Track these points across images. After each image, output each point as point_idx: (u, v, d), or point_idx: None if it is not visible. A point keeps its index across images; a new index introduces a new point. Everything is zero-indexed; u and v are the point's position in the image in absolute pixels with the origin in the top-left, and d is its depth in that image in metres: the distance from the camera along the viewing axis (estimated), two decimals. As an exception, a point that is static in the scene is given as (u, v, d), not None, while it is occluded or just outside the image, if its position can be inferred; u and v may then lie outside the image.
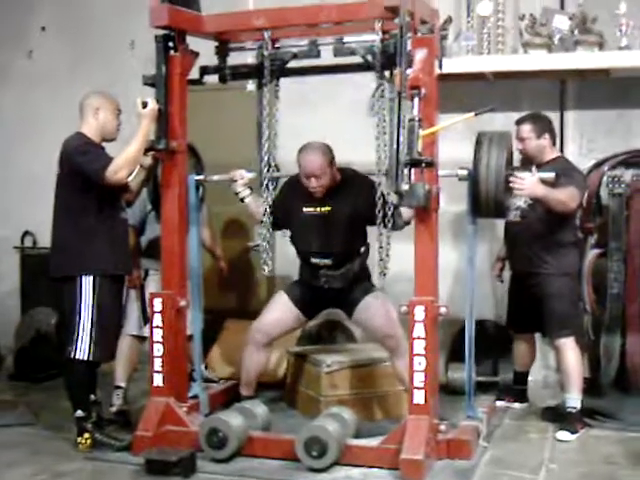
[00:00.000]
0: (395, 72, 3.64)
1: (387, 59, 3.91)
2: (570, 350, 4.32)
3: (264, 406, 4.20)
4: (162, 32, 4.04)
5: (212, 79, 4.40)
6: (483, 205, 3.94)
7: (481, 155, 3.88)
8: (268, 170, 4.24)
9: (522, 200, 4.35)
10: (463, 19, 5.13)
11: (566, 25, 4.85)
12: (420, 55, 3.65)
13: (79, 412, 4.03)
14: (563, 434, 4.21)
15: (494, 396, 4.77)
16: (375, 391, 4.55)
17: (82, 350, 3.99)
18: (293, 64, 4.23)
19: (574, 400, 4.30)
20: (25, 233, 6.32)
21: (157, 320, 4.10)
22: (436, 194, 3.74)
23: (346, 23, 4.06)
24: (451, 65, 4.32)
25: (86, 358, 3.99)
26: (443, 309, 3.79)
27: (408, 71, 3.53)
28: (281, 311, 4.44)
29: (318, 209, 4.28)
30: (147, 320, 4.30)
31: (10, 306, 6.14)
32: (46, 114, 6.12)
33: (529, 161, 4.42)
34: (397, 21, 3.49)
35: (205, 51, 4.31)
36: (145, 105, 4.00)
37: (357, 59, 4.06)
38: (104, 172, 3.88)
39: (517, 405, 4.73)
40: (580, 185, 4.29)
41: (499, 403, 4.70)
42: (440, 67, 3.84)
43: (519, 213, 4.42)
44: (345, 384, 4.52)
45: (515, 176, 4.00)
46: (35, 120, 6.22)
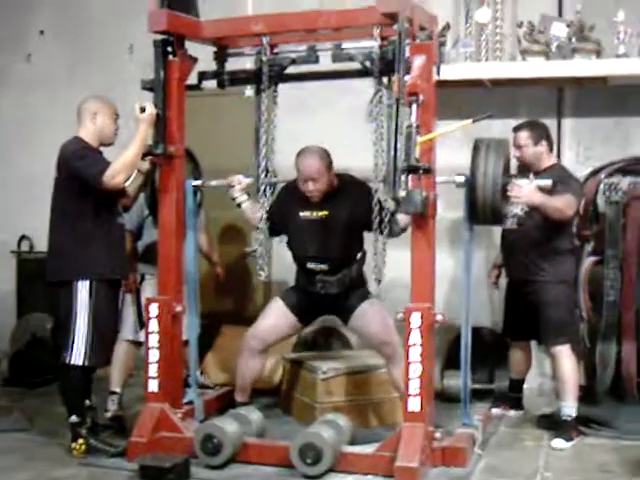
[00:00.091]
0: (393, 78, 3.64)
1: (385, 65, 3.91)
2: (566, 358, 4.32)
3: (259, 412, 4.19)
4: (161, 37, 4.04)
5: (210, 84, 4.41)
6: (480, 212, 3.95)
7: (478, 162, 3.89)
8: (266, 175, 4.25)
9: (519, 207, 4.35)
10: (461, 26, 5.14)
11: (564, 33, 4.87)
12: (418, 62, 3.66)
13: (74, 418, 4.02)
14: (558, 442, 4.21)
15: (490, 404, 4.76)
16: (370, 398, 4.55)
17: (78, 355, 3.98)
18: (292, 70, 4.24)
19: (569, 408, 4.30)
20: (22, 237, 6.31)
21: (153, 325, 4.10)
22: (433, 201, 3.74)
23: (345, 29, 4.06)
24: (449, 72, 4.33)
25: (81, 363, 3.98)
26: (439, 316, 3.79)
27: (406, 77, 3.54)
28: (277, 317, 4.43)
29: (315, 214, 4.28)
30: (143, 325, 4.29)
31: (6, 310, 6.12)
32: (44, 118, 6.12)
33: (526, 168, 4.43)
34: (396, 27, 3.49)
35: (204, 56, 4.32)
36: (143, 110, 4.00)
37: (356, 65, 4.07)
38: (101, 177, 3.88)
39: (512, 413, 4.72)
40: (577, 193, 4.29)
41: (495, 411, 4.70)
42: (438, 74, 3.84)
43: (516, 220, 4.42)
44: (341, 391, 4.51)
45: (513, 184, 4.00)
46: (33, 124, 6.22)
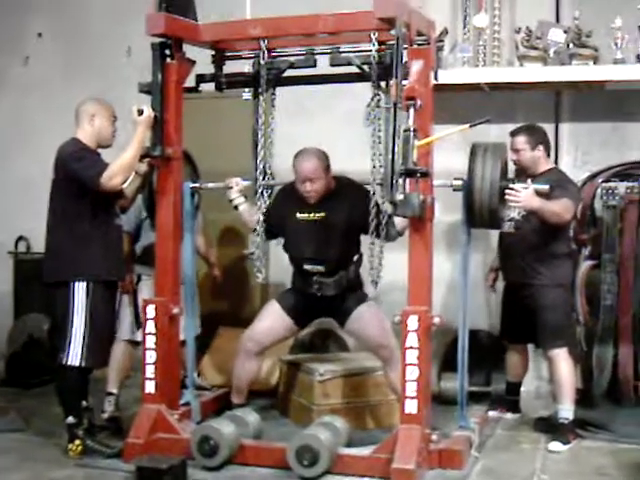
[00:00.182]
0: (391, 83, 3.66)
1: (383, 70, 3.94)
2: (563, 361, 4.32)
3: (256, 414, 4.20)
4: (158, 40, 4.05)
5: (209, 87, 4.42)
6: (477, 215, 3.96)
7: (476, 166, 3.90)
8: (263, 178, 4.26)
9: (516, 211, 4.36)
10: (459, 31, 5.16)
11: (561, 38, 4.88)
12: (416, 66, 3.68)
13: (70, 418, 4.02)
14: (555, 445, 4.21)
15: (486, 406, 4.77)
16: (367, 400, 4.55)
17: (74, 356, 3.98)
18: (289, 73, 4.25)
19: (566, 411, 4.30)
20: (19, 238, 6.31)
21: (150, 327, 4.10)
22: (431, 204, 3.75)
23: (343, 33, 4.07)
24: (447, 76, 4.36)
25: (78, 364, 3.98)
26: (436, 319, 3.79)
27: (404, 82, 3.54)
28: (273, 320, 4.43)
29: (312, 215, 4.29)
30: (140, 325, 4.30)
31: (3, 311, 6.11)
32: (42, 120, 6.12)
33: (523, 172, 4.44)
34: (393, 32, 3.50)
35: (203, 59, 4.32)
36: (141, 112, 4.00)
37: (353, 69, 4.08)
38: (99, 178, 3.88)
39: (509, 415, 4.73)
40: (574, 197, 4.30)
41: (491, 413, 4.71)
42: (436, 78, 3.86)
43: (513, 224, 4.43)
44: (337, 393, 4.52)
45: (510, 188, 4.01)
46: (30, 126, 6.22)
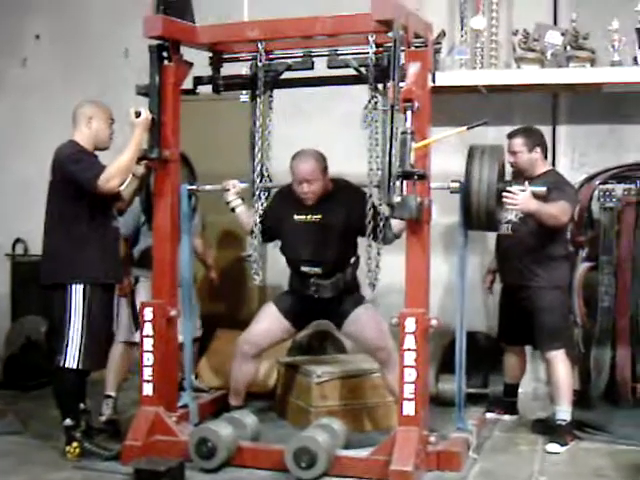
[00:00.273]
0: (388, 85, 3.66)
1: (381, 72, 3.94)
2: (560, 363, 4.33)
3: (254, 416, 4.20)
4: (156, 42, 4.05)
5: (206, 89, 4.42)
6: (474, 218, 3.96)
7: (473, 168, 3.90)
8: (261, 180, 4.26)
9: (513, 214, 4.36)
10: (457, 33, 5.16)
11: (559, 41, 4.89)
12: (413, 68, 3.68)
13: (68, 421, 4.02)
14: (553, 446, 4.22)
15: (484, 408, 4.78)
16: (365, 402, 4.56)
17: (72, 358, 3.98)
18: (287, 75, 4.25)
19: (564, 412, 4.30)
20: (16, 240, 6.30)
21: (147, 329, 4.10)
22: (428, 206, 3.76)
23: (340, 36, 4.08)
24: (444, 79, 4.35)
25: (75, 367, 3.98)
26: (434, 321, 3.79)
27: (401, 84, 3.55)
28: (270, 322, 4.43)
29: (309, 217, 4.29)
30: (138, 326, 4.30)
31: (0, 313, 6.11)
32: (39, 122, 6.12)
33: (520, 174, 4.45)
34: (391, 35, 3.50)
35: (201, 61, 4.33)
36: (138, 114, 4.00)
37: (351, 71, 4.08)
38: (96, 180, 3.88)
39: (507, 417, 4.73)
40: (571, 199, 4.31)
41: (489, 415, 4.71)
42: (433, 80, 3.86)
43: (510, 226, 4.44)
44: (335, 395, 4.52)
45: (508, 191, 4.01)
46: (28, 128, 6.22)
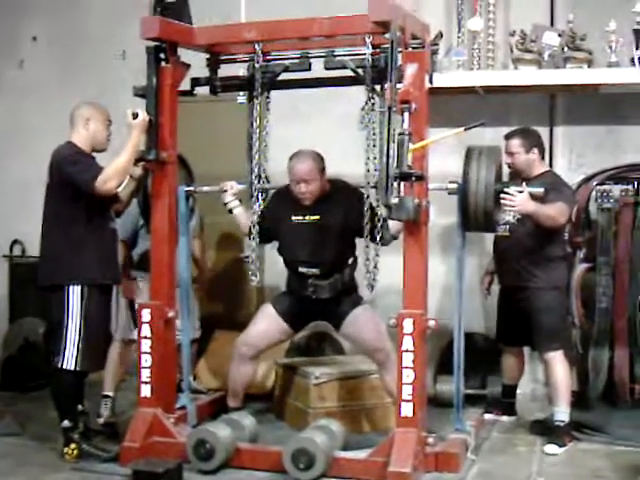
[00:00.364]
0: (386, 86, 3.66)
1: (378, 73, 3.93)
2: (559, 364, 4.33)
3: (252, 418, 4.20)
4: (153, 44, 4.05)
5: (203, 90, 4.42)
6: (472, 219, 3.96)
7: (471, 169, 3.91)
8: (258, 182, 4.26)
9: (511, 215, 4.36)
10: (454, 34, 5.16)
11: (556, 42, 4.89)
12: (411, 70, 3.68)
13: (66, 422, 4.01)
14: (551, 447, 4.22)
15: (482, 409, 4.78)
16: (363, 403, 4.56)
17: (69, 360, 3.97)
18: (284, 76, 4.25)
19: (562, 413, 4.31)
20: (14, 242, 6.30)
21: (145, 331, 4.10)
22: (425, 207, 3.76)
23: (338, 37, 4.08)
24: (441, 80, 4.35)
25: (73, 368, 3.98)
26: (432, 322, 3.79)
27: (399, 85, 3.55)
28: (268, 323, 4.43)
29: (307, 218, 4.29)
30: (137, 324, 4.33)
31: (-2, 315, 6.12)
32: (37, 124, 6.11)
33: (518, 175, 4.45)
34: (388, 36, 3.50)
35: (198, 62, 4.33)
36: (135, 116, 4.01)
37: (348, 72, 4.08)
38: (94, 182, 3.88)
39: (505, 418, 4.73)
40: (569, 200, 4.31)
41: (487, 416, 4.71)
42: (430, 82, 3.86)
43: (508, 227, 4.44)
44: (333, 396, 4.52)
45: (506, 192, 4.01)
46: (25, 130, 6.21)
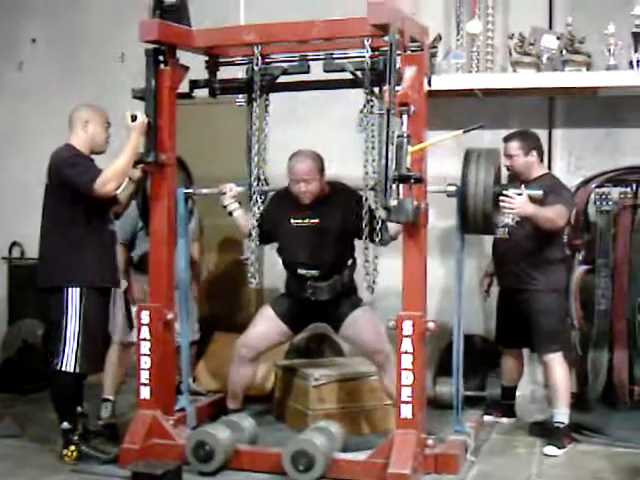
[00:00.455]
0: (384, 89, 3.66)
1: (377, 76, 3.94)
2: (558, 365, 4.33)
3: (251, 419, 4.20)
4: (152, 46, 4.05)
5: (202, 93, 4.42)
6: (471, 221, 3.97)
7: (469, 172, 3.91)
8: (257, 184, 4.26)
9: (510, 217, 4.37)
10: (453, 37, 5.17)
11: (554, 44, 4.89)
12: (409, 72, 3.69)
13: (65, 424, 4.01)
14: (551, 449, 4.22)
15: (482, 411, 4.77)
16: (363, 405, 4.56)
17: (68, 362, 3.97)
18: (283, 79, 4.26)
19: (562, 415, 4.31)
20: (13, 244, 6.30)
21: (144, 333, 4.10)
22: (424, 210, 3.76)
23: (336, 40, 4.08)
24: (440, 82, 4.36)
25: (72, 370, 3.98)
26: (431, 324, 3.80)
27: (397, 88, 3.55)
28: (267, 325, 4.44)
29: (306, 221, 4.30)
30: (133, 326, 4.35)
31: (-3, 317, 6.12)
32: (36, 126, 6.11)
33: (517, 178, 4.45)
34: (387, 39, 3.51)
35: (197, 64, 4.33)
36: (134, 118, 4.01)
37: (347, 75, 4.09)
38: (92, 184, 3.88)
39: (505, 420, 4.73)
40: (568, 203, 4.31)
41: (487, 418, 4.71)
42: (429, 84, 3.86)
43: (507, 230, 4.44)
44: (333, 398, 4.52)
45: (505, 195, 4.02)
46: (24, 132, 6.21)
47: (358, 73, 4.02)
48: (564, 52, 4.86)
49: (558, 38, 4.90)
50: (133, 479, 3.71)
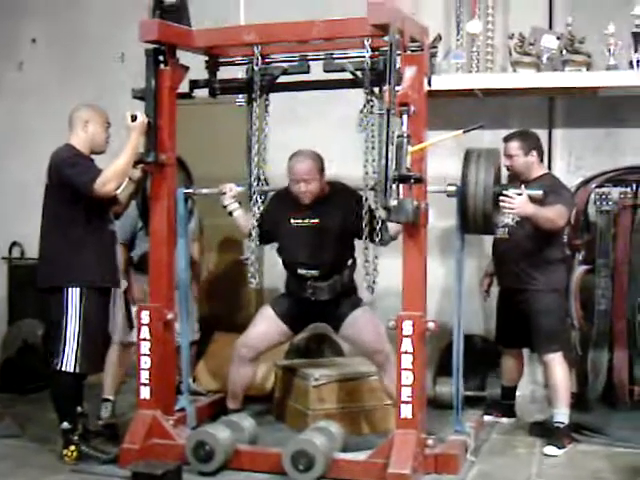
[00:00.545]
0: (384, 89, 3.66)
1: (377, 76, 3.94)
2: (558, 365, 4.33)
3: (251, 419, 4.20)
4: (152, 46, 4.05)
5: (202, 93, 4.42)
6: (471, 221, 3.97)
7: (469, 172, 3.91)
8: (257, 184, 4.26)
9: (510, 217, 4.37)
10: (453, 37, 5.17)
11: (554, 44, 4.89)
12: (409, 72, 3.69)
13: (65, 424, 4.01)
14: (551, 449, 4.22)
15: (482, 411, 4.77)
16: (363, 405, 4.56)
17: (68, 362, 3.98)
18: (283, 79, 4.26)
19: (562, 415, 4.31)
20: (13, 244, 6.30)
21: (144, 333, 4.10)
22: (424, 210, 3.76)
23: (336, 39, 4.08)
24: (440, 82, 4.36)
25: (72, 370, 3.98)
26: (431, 324, 3.80)
27: (397, 88, 3.55)
28: (267, 325, 4.44)
29: (306, 221, 4.30)
30: (132, 326, 4.36)
31: (-3, 317, 6.12)
32: (36, 126, 6.11)
33: (516, 178, 4.45)
34: (387, 39, 3.51)
35: (197, 65, 4.33)
36: (134, 118, 4.01)
37: (347, 75, 4.09)
38: (92, 184, 3.88)
39: (505, 420, 4.73)
40: (568, 203, 4.31)
41: (487, 418, 4.71)
42: (429, 84, 3.86)
43: (507, 230, 4.44)
44: (333, 398, 4.52)
45: (505, 195, 4.02)
46: (25, 132, 6.21)
47: (358, 73, 4.02)
48: (564, 52, 4.86)
49: (558, 38, 4.90)
50: (133, 479, 3.71)
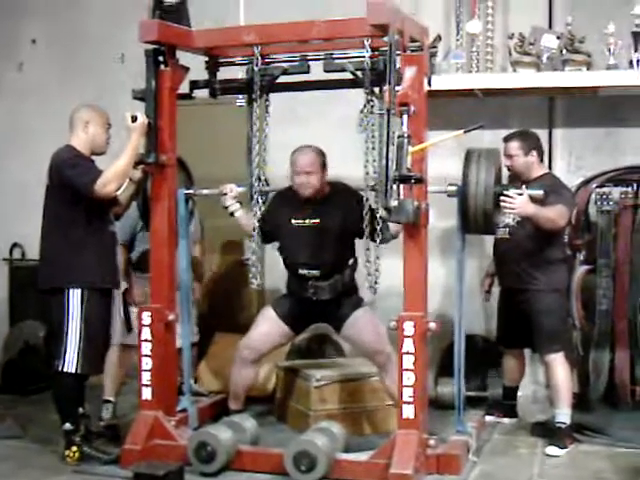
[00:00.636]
0: (384, 89, 3.66)
1: (377, 76, 3.94)
2: (559, 365, 4.33)
3: (253, 420, 4.20)
4: (152, 47, 4.05)
5: (202, 94, 4.42)
6: (472, 221, 3.97)
7: (470, 172, 3.91)
8: (258, 184, 4.26)
9: (511, 217, 4.37)
10: (452, 37, 5.17)
11: (554, 44, 4.89)
12: (409, 72, 3.69)
13: (67, 425, 4.02)
14: (552, 449, 4.22)
15: (483, 411, 4.77)
16: (364, 406, 4.56)
17: (70, 363, 3.98)
18: (283, 79, 4.26)
19: (563, 415, 4.31)
20: (14, 245, 6.30)
21: (146, 334, 4.10)
22: (425, 210, 3.76)
23: (336, 40, 4.08)
24: (440, 82, 4.36)
25: (74, 371, 3.98)
26: (432, 324, 3.80)
27: (397, 88, 3.55)
28: (269, 327, 4.44)
29: (307, 221, 4.30)
30: (130, 328, 4.36)
31: (-2, 318, 6.12)
32: (36, 126, 6.11)
33: (517, 178, 4.45)
34: (386, 39, 3.50)
35: (197, 65, 4.33)
36: (134, 119, 4.01)
37: (347, 75, 4.09)
38: (93, 185, 3.88)
39: (506, 420, 4.73)
40: (569, 203, 4.31)
41: (488, 418, 4.70)
42: (429, 84, 3.86)
43: (508, 230, 4.44)
44: (334, 398, 4.52)
45: (505, 195, 4.02)
46: (25, 132, 6.21)
47: (358, 73, 4.02)
48: (564, 52, 4.85)
49: (558, 38, 4.90)
50: (135, 480, 3.72)
